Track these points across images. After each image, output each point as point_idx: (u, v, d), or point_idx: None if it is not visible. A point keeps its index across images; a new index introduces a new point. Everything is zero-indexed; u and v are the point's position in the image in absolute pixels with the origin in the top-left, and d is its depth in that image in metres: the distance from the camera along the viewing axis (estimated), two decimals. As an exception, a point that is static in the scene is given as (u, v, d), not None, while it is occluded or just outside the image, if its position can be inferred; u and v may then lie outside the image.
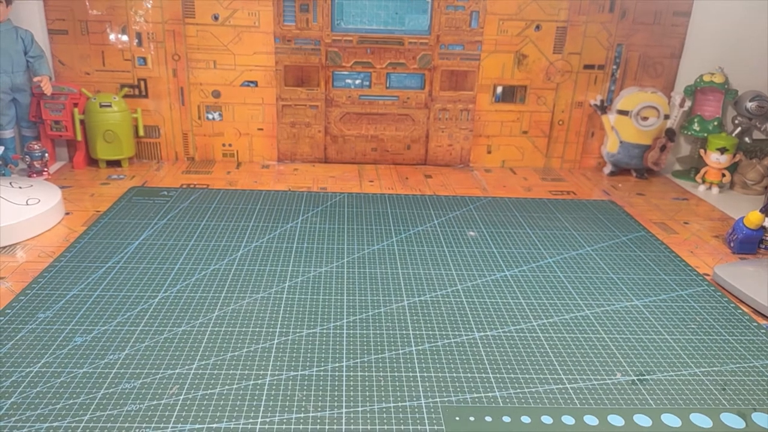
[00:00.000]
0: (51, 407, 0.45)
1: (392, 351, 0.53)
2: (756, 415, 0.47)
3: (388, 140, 1.07)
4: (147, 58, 0.99)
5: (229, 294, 0.62)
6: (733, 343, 0.57)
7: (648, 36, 1.03)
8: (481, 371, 0.51)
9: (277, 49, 1.00)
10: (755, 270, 0.70)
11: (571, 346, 0.55)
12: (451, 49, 1.02)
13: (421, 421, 0.45)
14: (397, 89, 1.04)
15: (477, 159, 1.10)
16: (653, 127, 1.03)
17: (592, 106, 1.07)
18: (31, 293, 0.60)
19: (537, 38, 1.02)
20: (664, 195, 1.00)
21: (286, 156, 1.07)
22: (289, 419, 0.44)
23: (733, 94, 1.04)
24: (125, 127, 0.98)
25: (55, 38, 0.97)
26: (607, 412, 0.47)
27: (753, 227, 0.77)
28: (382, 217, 0.83)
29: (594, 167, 1.11)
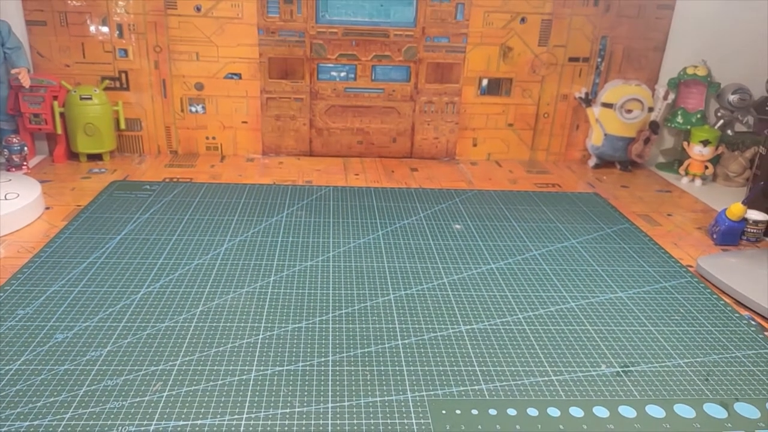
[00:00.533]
0: (31, 405, 0.44)
1: (378, 345, 0.53)
2: (738, 405, 0.48)
3: (374, 133, 1.06)
4: (128, 49, 0.97)
5: (213, 289, 0.61)
6: (716, 334, 0.58)
7: (632, 29, 1.04)
8: (467, 364, 0.51)
9: (260, 41, 0.99)
10: (737, 261, 0.71)
11: (556, 339, 0.55)
12: (437, 41, 1.01)
13: (407, 414, 0.45)
14: (383, 82, 1.03)
15: (463, 152, 1.09)
16: (637, 120, 1.04)
17: (576, 98, 1.07)
18: (10, 289, 0.59)
19: (522, 31, 1.02)
20: (648, 187, 1.01)
21: (270, 149, 1.06)
22: (275, 415, 0.44)
23: (715, 87, 1.05)
24: (106, 120, 0.97)
25: (34, 29, 0.95)
26: (593, 404, 0.47)
27: (735, 219, 0.78)
28: (367, 210, 0.83)
29: (579, 160, 1.12)
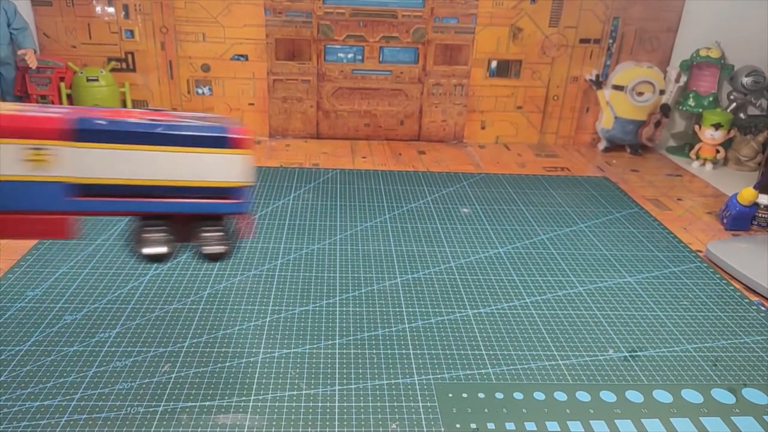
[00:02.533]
0: (42, 386, 0.44)
1: (385, 328, 0.53)
2: (746, 391, 0.48)
3: (381, 116, 1.06)
4: (134, 30, 0.97)
5: (221, 272, 0.61)
6: (725, 319, 0.57)
7: (644, 9, 1.02)
8: (474, 348, 0.51)
9: (267, 21, 0.98)
10: (748, 247, 0.70)
11: (563, 323, 0.55)
12: (446, 22, 1.00)
13: (414, 397, 0.45)
14: (391, 63, 1.02)
15: (471, 135, 1.09)
16: (648, 103, 1.02)
17: (587, 81, 1.06)
18: (19, 271, 0.59)
19: (532, 11, 1.01)
20: (658, 171, 1.00)
21: (277, 131, 1.06)
22: (282, 396, 0.44)
23: (728, 70, 1.03)
24: (113, 101, 0.96)
25: (40, 10, 0.94)
26: (599, 389, 0.47)
27: (746, 204, 0.77)
28: (374, 193, 0.83)
29: (588, 143, 1.11)
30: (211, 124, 0.32)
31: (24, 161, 0.28)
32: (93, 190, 0.29)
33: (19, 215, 0.29)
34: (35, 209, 0.29)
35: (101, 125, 0.29)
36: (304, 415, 0.43)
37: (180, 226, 0.33)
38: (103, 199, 0.30)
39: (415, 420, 0.43)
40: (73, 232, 0.31)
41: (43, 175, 0.29)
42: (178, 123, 0.31)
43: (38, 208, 0.29)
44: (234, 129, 0.32)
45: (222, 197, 0.32)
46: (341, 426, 0.42)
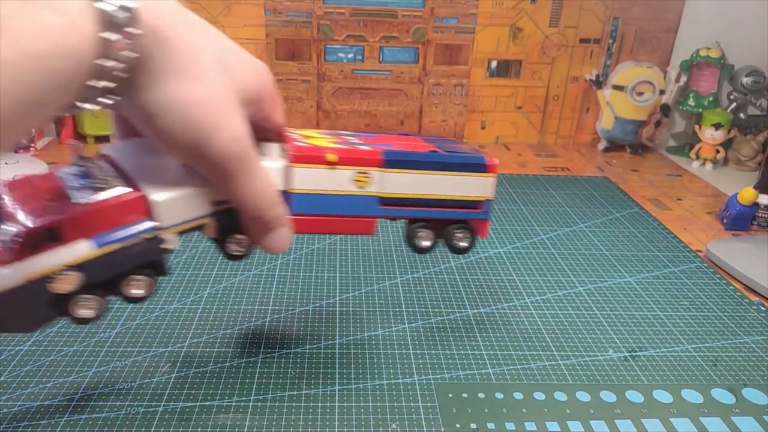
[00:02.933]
0: (41, 386, 0.44)
1: (385, 328, 0.53)
2: (746, 391, 0.48)
3: (381, 115, 1.06)
4: (134, 30, 0.97)
5: (221, 272, 0.61)
6: (725, 319, 0.57)
7: (645, 9, 1.02)
8: (474, 348, 0.51)
9: (267, 21, 0.98)
10: (748, 247, 0.70)
11: (563, 323, 0.55)
12: (446, 22, 1.00)
13: (414, 398, 0.45)
14: (391, 63, 1.02)
15: (471, 135, 1.09)
16: (648, 103, 1.02)
17: (587, 81, 1.06)
18: (19, 271, 0.59)
19: (533, 11, 1.01)
20: (658, 171, 1.00)
21: (277, 131, 1.06)
22: (282, 396, 0.44)
23: (729, 69, 1.03)
24: (113, 101, 0.96)
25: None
26: (600, 389, 0.47)
27: (746, 204, 0.77)
28: (375, 193, 0.83)
29: (588, 143, 1.11)
30: (473, 154, 0.45)
31: (352, 181, 0.41)
32: (390, 201, 0.43)
33: (344, 218, 0.42)
34: (355, 214, 0.42)
35: (400, 157, 0.42)
36: (304, 415, 0.43)
37: (439, 227, 0.46)
38: (396, 207, 0.43)
39: (415, 420, 0.43)
40: (374, 230, 0.43)
41: (363, 191, 0.41)
42: (450, 154, 0.44)
43: (358, 213, 0.42)
44: (488, 158, 0.45)
45: (473, 208, 0.45)
46: (341, 426, 0.42)
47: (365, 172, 0.41)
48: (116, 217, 0.34)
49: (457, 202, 0.44)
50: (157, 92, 0.30)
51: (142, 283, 0.37)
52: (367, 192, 0.42)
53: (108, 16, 0.26)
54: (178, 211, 0.36)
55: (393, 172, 0.42)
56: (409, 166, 0.42)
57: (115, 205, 0.34)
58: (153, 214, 0.35)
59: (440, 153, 0.43)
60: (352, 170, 0.40)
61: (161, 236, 0.36)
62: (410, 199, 0.43)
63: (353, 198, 0.41)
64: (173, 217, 0.36)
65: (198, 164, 0.34)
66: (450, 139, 0.51)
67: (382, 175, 0.41)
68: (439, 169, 0.43)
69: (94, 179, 0.35)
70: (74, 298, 0.34)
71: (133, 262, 0.35)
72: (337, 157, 0.40)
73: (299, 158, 0.39)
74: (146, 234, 0.35)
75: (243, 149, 0.34)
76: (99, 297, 0.35)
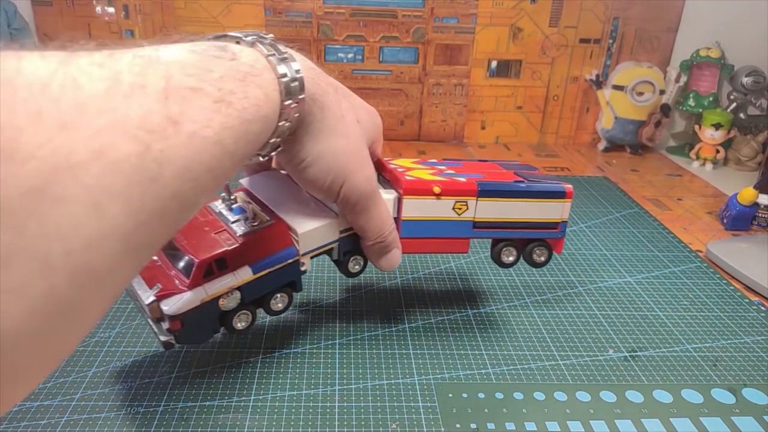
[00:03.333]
0: (41, 386, 0.44)
1: (385, 328, 0.53)
2: (746, 391, 0.48)
3: (382, 115, 1.05)
4: (134, 30, 0.97)
5: (221, 271, 0.61)
6: (725, 319, 0.57)
7: (644, 9, 1.02)
8: (474, 348, 0.51)
9: (267, 21, 0.98)
10: (748, 247, 0.70)
11: (563, 323, 0.55)
12: (446, 22, 1.00)
13: (414, 398, 0.45)
14: (391, 63, 1.02)
15: (471, 135, 1.09)
16: (648, 103, 1.02)
17: (587, 81, 1.06)
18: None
19: (533, 11, 1.01)
20: (658, 171, 1.00)
21: (277, 131, 1.06)
22: (282, 396, 0.44)
23: (729, 69, 1.03)
24: (113, 101, 0.96)
25: (40, 10, 0.94)
26: (600, 389, 0.47)
27: (746, 204, 0.77)
28: (375, 193, 0.83)
29: (588, 143, 1.11)
30: (553, 183, 0.50)
31: (453, 209, 0.48)
32: (483, 225, 0.49)
33: (444, 240, 0.49)
34: (453, 236, 0.49)
35: (492, 187, 0.48)
36: (304, 415, 0.43)
37: (522, 245, 0.52)
38: (487, 230, 0.49)
39: (415, 420, 0.43)
40: (468, 249, 0.50)
41: (461, 217, 0.48)
42: (533, 184, 0.49)
43: (455, 236, 0.49)
44: (565, 185, 0.50)
45: (551, 228, 0.51)
46: (341, 426, 0.42)
47: (463, 201, 0.48)
48: (268, 246, 0.43)
49: (537, 224, 0.50)
50: (312, 145, 0.38)
51: (283, 299, 0.46)
52: (464, 217, 0.48)
53: (288, 87, 0.34)
54: (314, 240, 0.44)
55: (486, 201, 0.48)
56: (500, 195, 0.48)
57: (267, 236, 0.42)
58: (295, 243, 0.44)
59: (525, 183, 0.50)
60: (452, 200, 0.47)
61: (300, 260, 0.44)
62: (499, 222, 0.49)
63: (453, 223, 0.48)
64: (310, 244, 0.44)
65: (336, 200, 0.42)
66: (525, 164, 0.58)
67: (477, 203, 0.48)
68: (524, 197, 0.49)
69: (247, 214, 0.43)
70: (234, 314, 0.43)
71: (278, 282, 0.44)
72: (440, 189, 0.47)
73: (410, 191, 0.46)
74: (290, 259, 0.44)
75: (373, 187, 0.42)
76: (250, 312, 0.44)
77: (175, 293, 0.39)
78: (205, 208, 0.45)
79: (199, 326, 0.41)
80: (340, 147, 0.39)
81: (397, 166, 0.50)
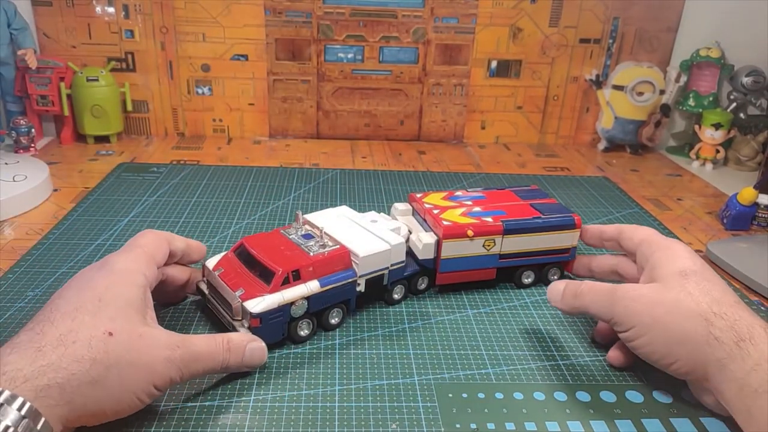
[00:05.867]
0: (41, 386, 0.44)
1: (385, 328, 0.53)
2: (746, 391, 0.47)
3: (381, 116, 1.06)
4: (134, 30, 0.97)
5: (221, 271, 0.61)
6: (725, 319, 0.57)
7: (645, 9, 1.02)
8: (474, 348, 0.51)
9: (267, 21, 0.98)
10: (748, 246, 0.70)
11: (563, 323, 0.55)
12: (446, 22, 1.00)
13: (414, 397, 0.45)
14: (391, 63, 1.02)
15: (471, 135, 1.09)
16: (648, 103, 1.02)
17: (587, 81, 1.06)
18: (19, 271, 0.59)
19: (533, 11, 1.01)
20: (658, 171, 1.00)
21: (277, 131, 1.06)
22: (282, 396, 0.44)
23: (729, 69, 1.03)
24: (113, 101, 0.96)
25: (40, 10, 0.94)
26: (599, 389, 0.47)
27: (746, 203, 0.77)
28: (375, 193, 0.83)
29: (588, 143, 1.11)
30: (565, 215, 0.59)
31: (483, 246, 0.57)
32: (507, 256, 0.58)
33: (475, 271, 0.58)
34: (483, 268, 0.58)
35: (515, 225, 0.57)
36: (304, 415, 0.43)
37: (539, 268, 0.61)
38: (511, 259, 0.58)
39: (415, 420, 0.43)
40: (494, 276, 0.59)
41: (489, 251, 0.57)
42: (549, 218, 0.58)
43: (484, 267, 0.58)
44: (575, 217, 0.59)
45: (564, 254, 0.60)
46: (341, 426, 0.42)
47: (492, 239, 0.57)
48: (334, 266, 0.50)
49: (552, 251, 0.60)
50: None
51: (338, 314, 0.52)
52: (492, 252, 0.57)
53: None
54: (371, 264, 0.52)
55: (510, 237, 0.57)
56: (521, 232, 0.57)
57: (334, 257, 0.50)
58: (355, 265, 0.51)
59: (543, 218, 0.58)
60: (483, 239, 0.56)
61: (357, 281, 0.52)
62: (521, 253, 0.58)
63: (483, 257, 0.57)
64: (367, 267, 0.52)
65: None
66: (535, 189, 0.66)
67: (502, 240, 0.57)
68: (541, 231, 0.58)
69: (317, 238, 0.52)
70: (299, 321, 0.49)
71: (337, 298, 0.51)
72: (473, 232, 0.56)
73: (448, 235, 0.55)
74: (349, 279, 0.51)
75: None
76: (312, 322, 0.50)
77: (257, 296, 0.47)
78: (278, 233, 0.54)
79: (273, 326, 0.48)
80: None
81: (432, 206, 0.59)
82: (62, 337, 0.36)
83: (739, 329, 0.41)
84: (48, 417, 0.34)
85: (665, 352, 0.43)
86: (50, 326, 0.37)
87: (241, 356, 0.44)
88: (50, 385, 0.34)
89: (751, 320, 0.42)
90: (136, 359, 0.38)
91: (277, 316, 0.47)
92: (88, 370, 0.36)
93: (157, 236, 0.49)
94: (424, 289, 0.58)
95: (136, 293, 0.42)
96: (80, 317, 0.38)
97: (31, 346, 0.36)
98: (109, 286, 0.41)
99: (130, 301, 0.41)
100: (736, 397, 0.39)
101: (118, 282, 0.41)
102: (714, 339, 0.41)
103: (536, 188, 0.67)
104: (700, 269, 0.46)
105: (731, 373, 0.40)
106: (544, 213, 0.59)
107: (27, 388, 0.33)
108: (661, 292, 0.45)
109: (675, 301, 0.44)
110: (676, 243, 0.50)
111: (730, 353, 0.40)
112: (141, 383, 0.38)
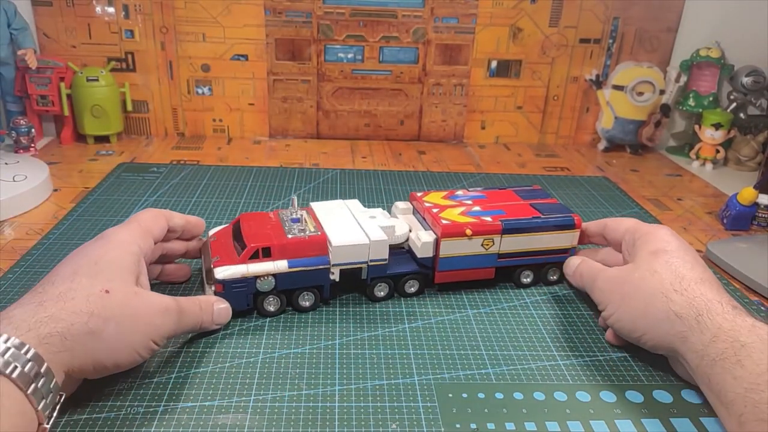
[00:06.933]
0: (41, 386, 0.44)
1: (385, 328, 0.53)
2: (746, 391, 0.47)
3: (381, 116, 1.06)
4: (134, 30, 0.97)
5: (221, 271, 0.61)
6: (725, 319, 0.57)
7: (645, 9, 1.02)
8: (474, 348, 0.51)
9: (267, 21, 0.98)
10: (748, 246, 0.70)
11: (563, 323, 0.55)
12: (446, 22, 1.00)
13: (414, 398, 0.45)
14: (391, 63, 1.02)
15: (471, 135, 1.09)
16: (648, 103, 1.02)
17: (587, 81, 1.06)
18: (19, 271, 0.59)
19: (533, 11, 1.01)
20: (658, 171, 1.00)
21: (277, 131, 1.06)
22: (282, 396, 0.44)
23: (729, 69, 1.03)
24: (113, 101, 0.97)
25: (40, 10, 0.94)
26: (600, 389, 0.47)
27: (746, 204, 0.77)
28: (375, 193, 0.83)
29: (588, 143, 1.11)
30: (564, 215, 0.59)
31: (481, 245, 0.56)
32: (506, 255, 0.58)
33: (474, 270, 0.58)
34: (482, 267, 0.58)
35: (514, 225, 0.57)
36: (304, 415, 0.43)
37: (538, 268, 0.60)
38: (510, 259, 0.58)
39: (415, 420, 0.43)
40: (494, 275, 0.59)
41: (488, 251, 0.57)
42: (548, 218, 0.58)
43: (483, 266, 0.58)
44: (575, 217, 0.59)
45: (563, 254, 0.60)
46: (341, 426, 0.42)
47: (490, 239, 0.56)
48: (308, 250, 0.52)
49: (552, 251, 0.59)
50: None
51: (309, 298, 0.54)
52: (491, 251, 0.57)
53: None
54: (345, 255, 0.53)
55: (509, 237, 0.57)
56: (520, 231, 0.57)
57: (310, 242, 0.52)
58: (329, 253, 0.53)
59: (542, 217, 0.58)
60: (481, 238, 0.56)
61: (330, 269, 0.53)
62: (519, 253, 0.58)
63: (481, 256, 0.57)
64: (341, 258, 0.53)
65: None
66: (537, 189, 0.66)
67: (501, 239, 0.57)
68: (540, 231, 0.58)
69: (301, 223, 0.54)
70: (266, 297, 0.53)
71: (309, 281, 0.53)
72: (472, 231, 0.55)
73: (447, 234, 0.55)
74: (321, 265, 0.53)
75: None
76: (280, 299, 0.53)
77: (227, 265, 0.51)
78: (275, 213, 0.57)
79: (236, 295, 0.51)
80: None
81: (431, 205, 0.59)
82: (61, 294, 0.40)
83: (698, 305, 0.44)
84: (51, 363, 0.37)
85: (632, 327, 0.47)
86: (51, 286, 0.41)
87: (211, 315, 0.49)
88: (51, 334, 0.37)
89: (710, 296, 0.44)
90: (133, 313, 0.42)
91: (241, 286, 0.51)
92: (86, 322, 0.39)
93: (156, 212, 0.53)
94: (413, 293, 0.58)
95: (130, 259, 0.45)
96: (78, 279, 0.41)
97: (33, 301, 0.39)
98: (105, 253, 0.44)
99: (124, 266, 0.44)
100: (698, 368, 0.42)
101: (113, 249, 0.45)
102: (674, 314, 0.44)
103: (538, 188, 0.67)
104: (675, 248, 0.49)
105: (692, 345, 0.43)
106: (543, 213, 0.59)
107: (31, 336, 0.37)
108: (630, 272, 0.49)
109: (640, 279, 0.47)
110: (659, 227, 0.53)
111: (690, 327, 0.43)
112: (139, 336, 0.42)
